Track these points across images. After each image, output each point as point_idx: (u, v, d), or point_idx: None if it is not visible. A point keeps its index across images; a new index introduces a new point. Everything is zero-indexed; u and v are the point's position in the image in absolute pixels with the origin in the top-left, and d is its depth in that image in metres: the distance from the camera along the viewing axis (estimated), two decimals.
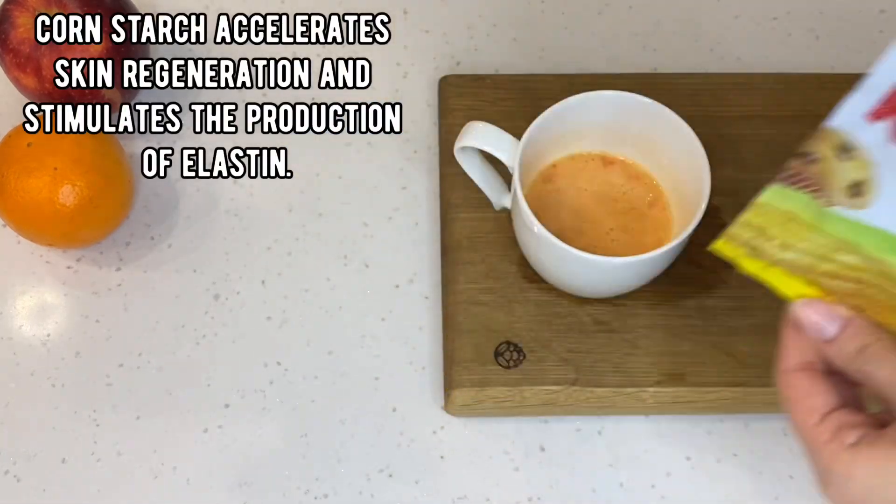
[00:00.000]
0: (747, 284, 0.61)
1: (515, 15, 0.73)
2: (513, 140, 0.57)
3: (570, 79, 0.67)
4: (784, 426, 0.59)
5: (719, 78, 0.68)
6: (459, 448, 0.59)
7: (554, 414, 0.59)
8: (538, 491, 0.58)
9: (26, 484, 0.58)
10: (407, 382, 0.61)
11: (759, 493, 0.58)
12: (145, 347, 0.61)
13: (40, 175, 0.58)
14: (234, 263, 0.64)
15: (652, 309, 0.60)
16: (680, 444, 0.59)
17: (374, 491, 0.58)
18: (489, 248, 0.62)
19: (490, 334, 0.59)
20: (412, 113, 0.69)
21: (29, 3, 0.61)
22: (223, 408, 0.60)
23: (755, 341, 0.59)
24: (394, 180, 0.67)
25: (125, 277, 0.64)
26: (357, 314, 0.63)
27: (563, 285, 0.60)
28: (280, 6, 0.73)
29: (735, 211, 0.63)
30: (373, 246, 0.65)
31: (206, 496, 0.58)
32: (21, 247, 0.64)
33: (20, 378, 0.61)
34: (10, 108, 0.69)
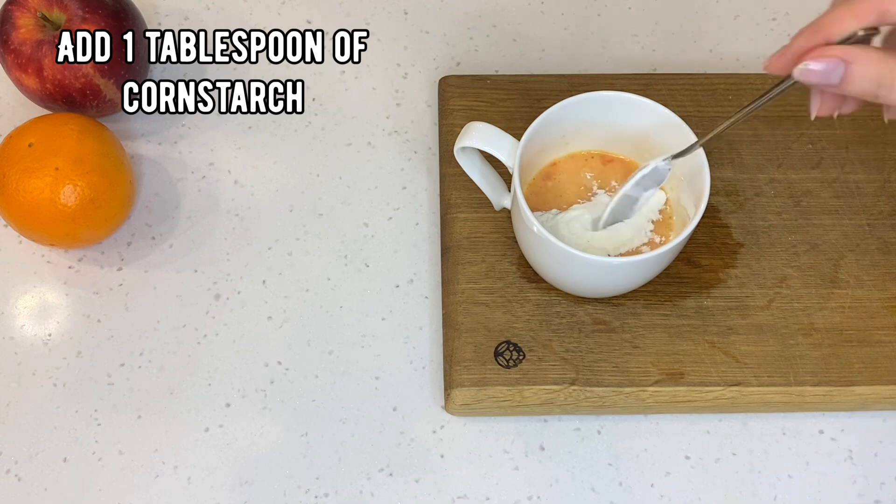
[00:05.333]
0: (746, 284, 0.61)
1: (515, 15, 0.73)
2: (512, 140, 0.57)
3: (569, 79, 0.67)
4: (783, 426, 0.60)
5: (719, 78, 0.68)
6: (459, 447, 0.59)
7: (553, 413, 0.60)
8: (538, 490, 0.58)
9: (28, 483, 0.58)
10: (407, 382, 0.61)
11: (758, 493, 0.58)
12: (146, 347, 0.62)
13: (42, 175, 0.58)
14: (235, 263, 0.64)
15: (651, 309, 0.60)
16: (679, 443, 0.59)
17: (374, 490, 0.58)
18: (489, 248, 0.62)
19: (490, 334, 0.60)
20: (412, 113, 0.69)
21: (30, 4, 0.61)
22: (224, 407, 0.60)
23: (754, 341, 0.59)
24: (394, 180, 0.67)
25: (126, 277, 0.64)
26: (357, 314, 0.63)
27: (562, 285, 0.60)
28: (280, 7, 0.73)
29: (735, 211, 0.64)
30: (373, 246, 0.65)
31: (206, 495, 0.58)
32: (23, 247, 0.65)
33: (22, 377, 0.61)
34: (11, 108, 0.69)
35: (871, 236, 0.63)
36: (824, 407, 0.59)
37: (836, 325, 0.60)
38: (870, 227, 0.63)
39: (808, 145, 0.66)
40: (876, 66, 0.44)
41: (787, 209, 0.64)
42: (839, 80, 0.45)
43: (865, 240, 0.63)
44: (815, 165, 0.65)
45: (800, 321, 0.60)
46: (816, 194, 0.64)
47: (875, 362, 0.59)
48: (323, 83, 0.71)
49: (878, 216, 0.63)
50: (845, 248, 0.62)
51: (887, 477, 0.58)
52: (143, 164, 0.67)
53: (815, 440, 0.59)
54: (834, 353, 0.59)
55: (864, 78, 0.44)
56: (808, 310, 0.60)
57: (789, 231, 0.63)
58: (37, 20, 0.61)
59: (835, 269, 0.62)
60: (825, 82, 0.45)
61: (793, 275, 0.61)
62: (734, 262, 0.62)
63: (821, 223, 0.63)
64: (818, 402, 0.59)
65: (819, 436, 0.59)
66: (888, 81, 0.44)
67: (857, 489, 0.58)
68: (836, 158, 0.65)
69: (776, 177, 0.65)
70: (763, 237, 0.63)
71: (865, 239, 0.63)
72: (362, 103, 0.70)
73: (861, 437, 0.59)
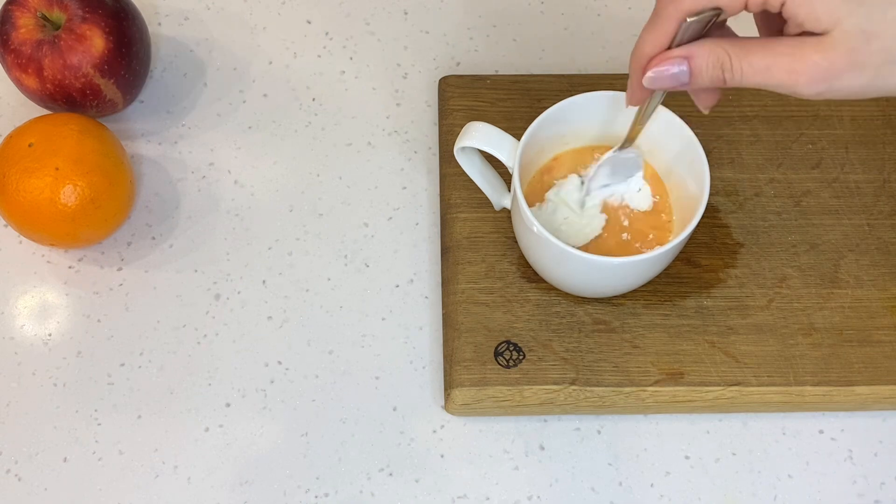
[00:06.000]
0: (746, 284, 0.61)
1: (515, 15, 0.73)
2: (512, 140, 0.57)
3: (569, 79, 0.67)
4: (783, 426, 0.60)
5: None
6: (459, 447, 0.59)
7: (553, 413, 0.60)
8: (538, 490, 0.58)
9: (28, 483, 0.58)
10: (407, 382, 0.61)
11: (758, 493, 0.58)
12: (146, 347, 0.62)
13: (42, 175, 0.58)
14: (235, 263, 0.64)
15: (651, 309, 0.60)
16: (679, 443, 0.59)
17: (374, 490, 0.58)
18: (489, 248, 0.62)
19: (490, 334, 0.60)
20: (412, 113, 0.69)
21: (30, 4, 0.61)
22: (224, 407, 0.60)
23: (754, 341, 0.59)
24: (394, 180, 0.67)
25: (126, 277, 0.64)
26: (357, 314, 0.63)
27: (562, 285, 0.60)
28: (280, 7, 0.73)
29: (735, 211, 0.64)
30: (373, 246, 0.65)
31: (206, 495, 0.58)
32: (23, 247, 0.65)
33: (22, 377, 0.61)
34: (11, 108, 0.69)
35: (871, 236, 0.63)
36: (824, 407, 0.59)
37: (836, 325, 0.60)
38: (870, 227, 0.63)
39: (808, 145, 0.66)
40: (713, 53, 0.47)
41: (787, 209, 0.64)
42: (689, 79, 0.48)
43: (865, 240, 0.63)
44: (815, 165, 0.65)
45: (800, 321, 0.60)
46: (816, 194, 0.64)
47: (875, 362, 0.59)
48: (323, 83, 0.71)
49: (878, 216, 0.63)
50: (845, 248, 0.62)
51: (887, 477, 0.58)
52: (143, 164, 0.67)
53: (815, 440, 0.59)
54: (834, 353, 0.59)
55: (707, 67, 0.47)
56: (808, 310, 0.60)
57: (789, 231, 0.63)
58: (37, 20, 0.61)
59: (835, 269, 0.62)
60: (678, 83, 0.48)
61: (793, 275, 0.61)
62: (734, 262, 0.62)
63: (821, 223, 0.63)
64: (818, 402, 0.59)
65: (819, 436, 0.59)
66: (727, 63, 0.46)
67: (857, 489, 0.58)
68: (836, 158, 0.65)
69: (776, 177, 0.65)
70: (763, 237, 0.63)
71: (865, 239, 0.63)
72: (362, 103, 0.70)
73: (861, 437, 0.59)
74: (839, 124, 0.66)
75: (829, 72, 0.44)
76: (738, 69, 0.46)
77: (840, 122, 0.66)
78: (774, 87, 0.46)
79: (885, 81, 0.45)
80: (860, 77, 0.45)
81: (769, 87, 0.46)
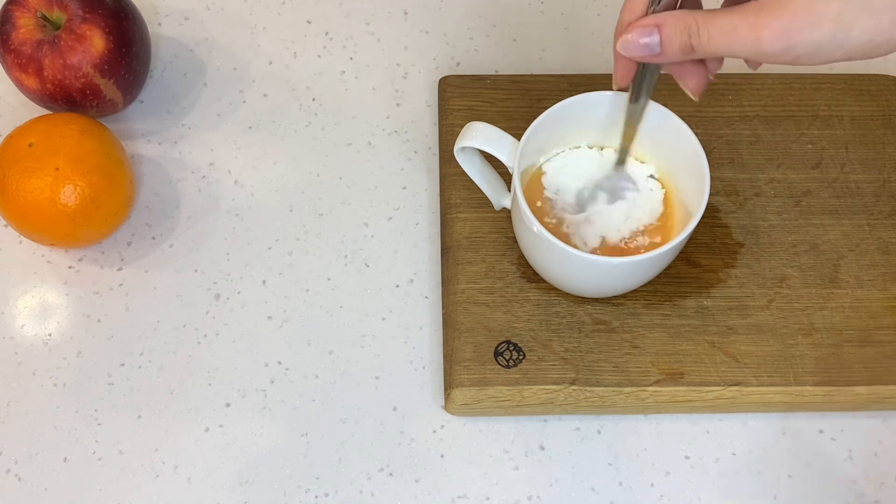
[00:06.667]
0: (746, 284, 0.61)
1: (515, 15, 0.73)
2: (512, 140, 0.57)
3: (569, 79, 0.67)
4: (783, 426, 0.60)
5: (719, 78, 0.68)
6: (459, 447, 0.59)
7: (553, 413, 0.60)
8: (538, 490, 0.58)
9: (28, 483, 0.58)
10: (407, 382, 0.61)
11: (757, 493, 0.58)
12: (146, 347, 0.62)
13: (42, 175, 0.58)
14: (235, 263, 0.64)
15: (651, 309, 0.60)
16: (679, 443, 0.59)
17: (374, 490, 0.58)
18: (489, 248, 0.62)
19: (490, 334, 0.60)
20: (412, 113, 0.69)
21: (30, 4, 0.61)
22: (224, 407, 0.60)
23: (754, 341, 0.59)
24: (394, 180, 0.67)
25: (126, 277, 0.64)
26: (357, 314, 0.63)
27: (562, 285, 0.60)
28: (280, 7, 0.73)
29: (735, 211, 0.64)
30: (373, 246, 0.65)
31: (207, 495, 0.58)
32: (23, 247, 0.65)
33: (22, 377, 0.61)
34: (11, 108, 0.69)
35: (871, 236, 0.63)
36: (824, 407, 0.59)
37: (836, 325, 0.60)
38: (870, 227, 0.63)
39: (808, 145, 0.66)
40: (682, 20, 0.49)
41: (787, 209, 0.64)
42: (659, 48, 0.49)
43: (865, 240, 0.63)
44: (815, 165, 0.65)
45: (800, 321, 0.60)
46: (816, 194, 0.64)
47: (875, 362, 0.59)
48: (323, 83, 0.71)
49: (878, 216, 0.63)
50: (845, 248, 0.62)
51: (887, 477, 0.58)
52: (143, 164, 0.67)
53: (815, 440, 0.59)
54: (834, 353, 0.59)
55: (676, 34, 0.49)
56: (808, 310, 0.60)
57: (789, 231, 0.63)
58: (37, 20, 0.61)
59: (835, 269, 0.62)
60: (650, 52, 0.50)
61: (793, 275, 0.61)
62: (734, 262, 0.62)
63: (821, 223, 0.63)
64: (818, 402, 0.59)
65: (819, 436, 0.59)
66: (694, 27, 0.48)
67: (857, 489, 0.58)
68: (836, 158, 0.65)
69: (776, 177, 0.65)
70: (763, 237, 0.63)
71: (865, 239, 0.63)
72: (362, 103, 0.70)
73: (861, 437, 0.59)
74: (839, 124, 0.66)
75: (791, 25, 0.46)
76: (706, 32, 0.48)
77: (840, 122, 0.66)
78: (740, 50, 0.47)
79: (847, 34, 0.46)
80: (821, 30, 0.45)
81: (735, 53, 0.48)
